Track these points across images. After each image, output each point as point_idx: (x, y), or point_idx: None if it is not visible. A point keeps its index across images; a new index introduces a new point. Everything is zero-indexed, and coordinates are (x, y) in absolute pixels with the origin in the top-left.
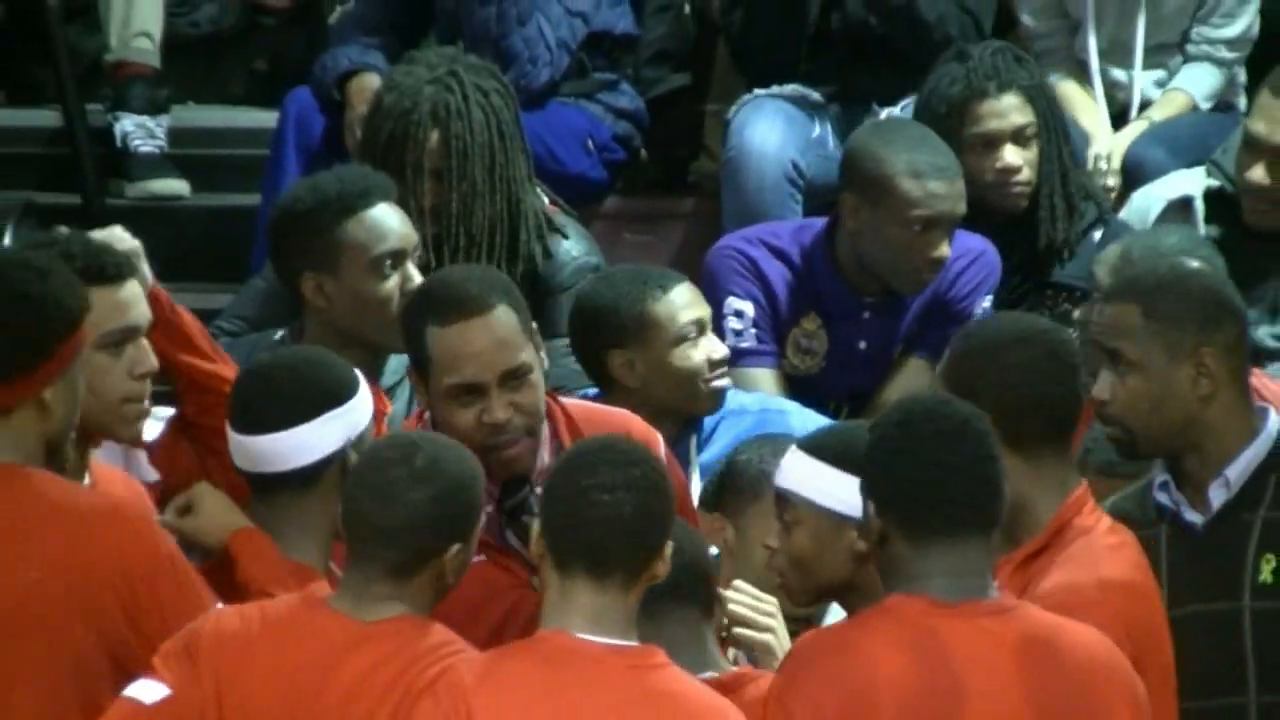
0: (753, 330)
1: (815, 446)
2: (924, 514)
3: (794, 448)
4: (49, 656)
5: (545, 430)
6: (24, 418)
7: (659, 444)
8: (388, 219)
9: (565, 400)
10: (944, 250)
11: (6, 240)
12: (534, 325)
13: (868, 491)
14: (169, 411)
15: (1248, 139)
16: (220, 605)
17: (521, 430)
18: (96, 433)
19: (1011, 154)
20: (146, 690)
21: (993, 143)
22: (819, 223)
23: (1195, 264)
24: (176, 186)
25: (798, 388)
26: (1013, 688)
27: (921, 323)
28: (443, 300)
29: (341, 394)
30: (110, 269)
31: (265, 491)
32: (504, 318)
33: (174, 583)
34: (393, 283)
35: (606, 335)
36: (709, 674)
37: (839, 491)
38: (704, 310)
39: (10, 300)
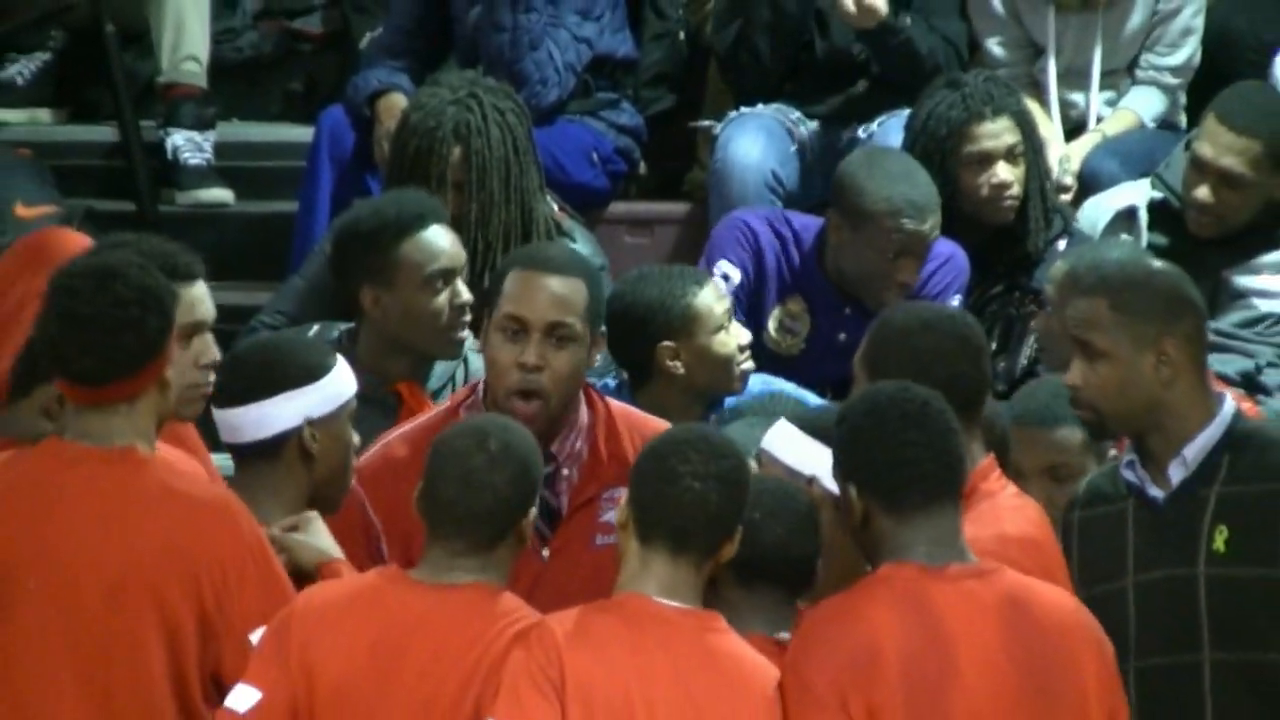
0: (730, 296)
1: (792, 416)
2: (902, 490)
3: (781, 419)
4: (147, 626)
5: (583, 418)
6: (148, 400)
7: None
8: (440, 240)
9: (612, 403)
10: (912, 276)
11: None
12: (600, 322)
13: (846, 476)
14: None
15: (1194, 160)
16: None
17: (543, 386)
18: (168, 417)
19: (1004, 171)
20: (241, 698)
21: (987, 160)
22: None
23: (1158, 264)
24: (222, 195)
25: (779, 370)
26: (996, 643)
27: None
28: (537, 255)
29: (301, 377)
30: (182, 268)
31: (239, 461)
32: (575, 286)
33: (260, 573)
34: (443, 298)
35: (655, 329)
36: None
37: (797, 452)
38: (729, 302)
39: (138, 296)
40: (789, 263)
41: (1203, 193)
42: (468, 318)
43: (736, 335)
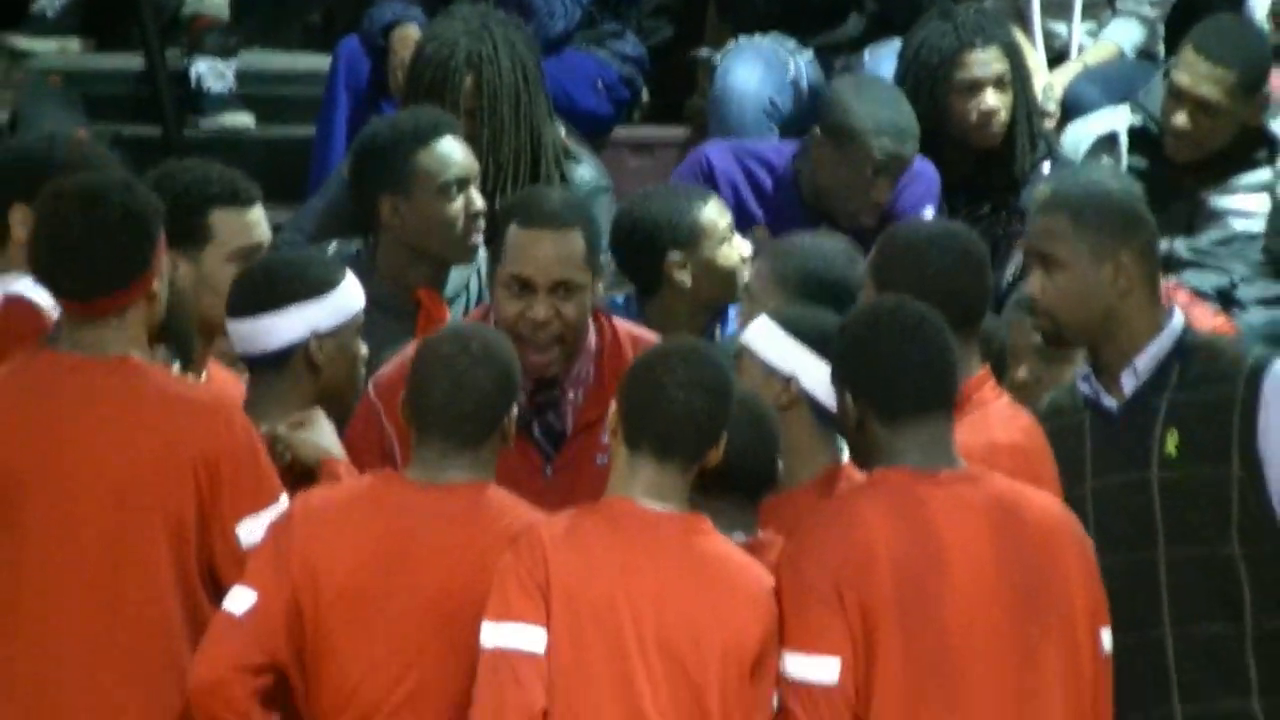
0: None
1: (775, 314)
2: (896, 399)
3: (763, 315)
4: (152, 525)
5: (591, 343)
6: (137, 311)
7: None
8: (454, 150)
9: (617, 322)
10: (886, 195)
11: None
12: (600, 258)
13: (843, 383)
14: None
15: (1172, 89)
16: (285, 497)
17: (555, 335)
18: (219, 330)
19: (992, 98)
20: (238, 600)
21: (977, 87)
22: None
23: (1115, 184)
24: (243, 120)
25: None
26: (985, 544)
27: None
28: (532, 208)
29: (309, 291)
30: (243, 193)
31: (250, 370)
32: (573, 239)
33: (251, 471)
34: (458, 205)
35: (663, 242)
36: (739, 536)
37: (778, 351)
38: (730, 216)
39: (123, 217)
40: (757, 188)
41: (1180, 119)
42: (482, 224)
43: (739, 248)
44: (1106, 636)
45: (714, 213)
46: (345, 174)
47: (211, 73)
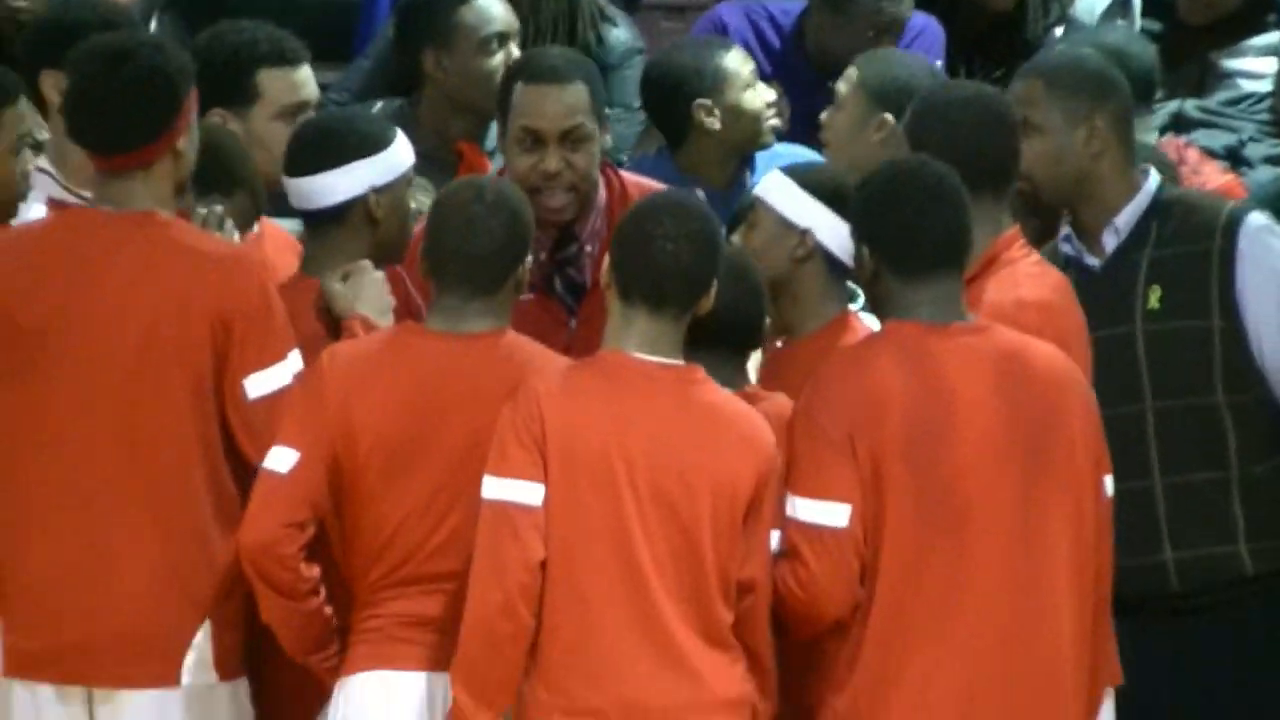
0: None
1: (789, 170)
2: (910, 254)
3: (776, 170)
4: (170, 373)
5: (602, 198)
6: (163, 167)
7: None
8: (494, 6)
9: (624, 175)
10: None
11: (152, 27)
12: (604, 110)
13: (860, 236)
14: None
15: None
16: (297, 352)
17: (567, 184)
18: (272, 185)
19: None
20: (280, 459)
21: None
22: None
23: (1089, 51)
24: None
25: None
26: (992, 392)
27: None
28: (535, 66)
29: (365, 148)
30: (289, 53)
31: (308, 225)
32: (578, 91)
33: (262, 326)
34: (498, 59)
35: (690, 89)
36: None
37: (794, 205)
38: (753, 63)
39: (149, 74)
40: (765, 46)
41: None
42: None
43: (762, 93)
44: (1109, 482)
45: (737, 60)
46: (390, 34)
47: None
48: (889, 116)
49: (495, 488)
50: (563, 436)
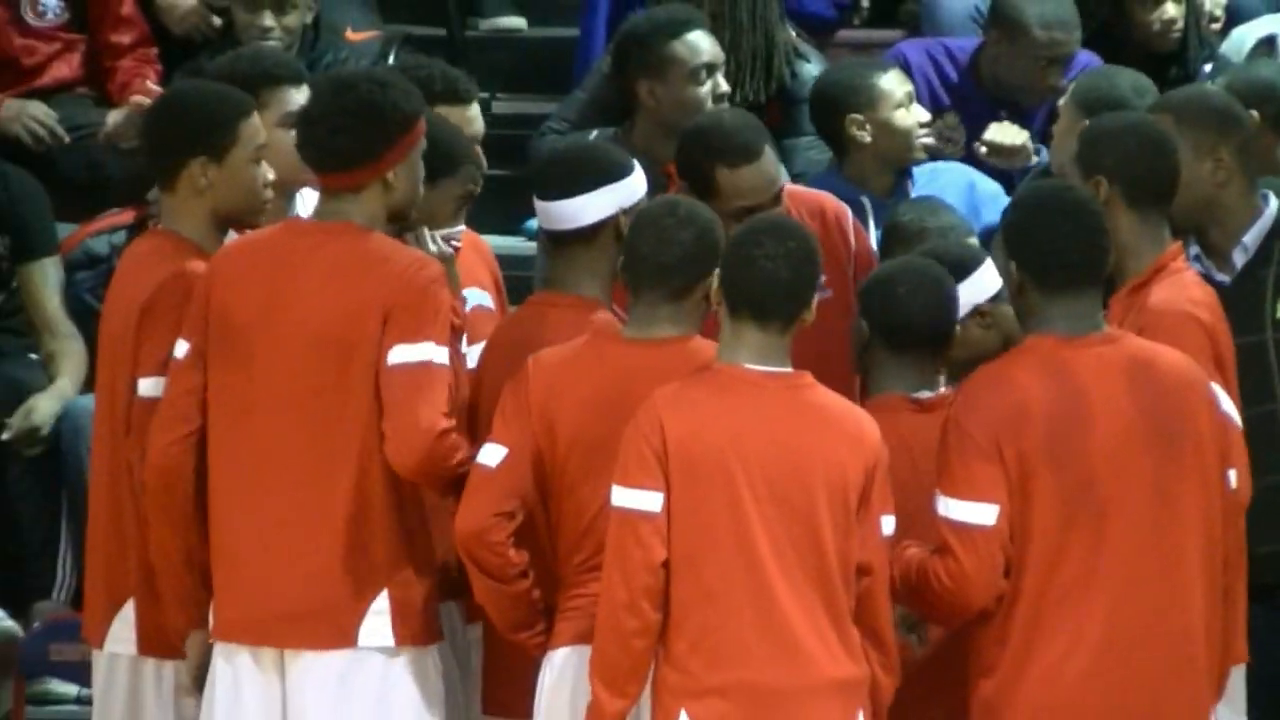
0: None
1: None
2: (1052, 271)
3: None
4: (353, 367)
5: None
6: (371, 193)
7: (848, 215)
8: (703, 40)
9: (789, 186)
10: (1059, 80)
11: (390, 60)
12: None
13: (1010, 252)
14: None
15: None
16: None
17: None
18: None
19: (1172, 9)
20: (490, 455)
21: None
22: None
23: (1213, 87)
24: (516, 22)
25: None
26: (1125, 396)
27: (1049, 124)
28: (730, 148)
29: (615, 173)
30: (462, 92)
31: (558, 245)
32: (769, 156)
33: (416, 310)
34: (706, 88)
35: (845, 104)
36: (924, 393)
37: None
38: (911, 86)
39: (359, 106)
40: (944, 79)
41: None
42: (726, 106)
43: (916, 114)
44: (1233, 475)
45: (892, 81)
46: (604, 69)
47: None
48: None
49: (621, 496)
50: (683, 445)
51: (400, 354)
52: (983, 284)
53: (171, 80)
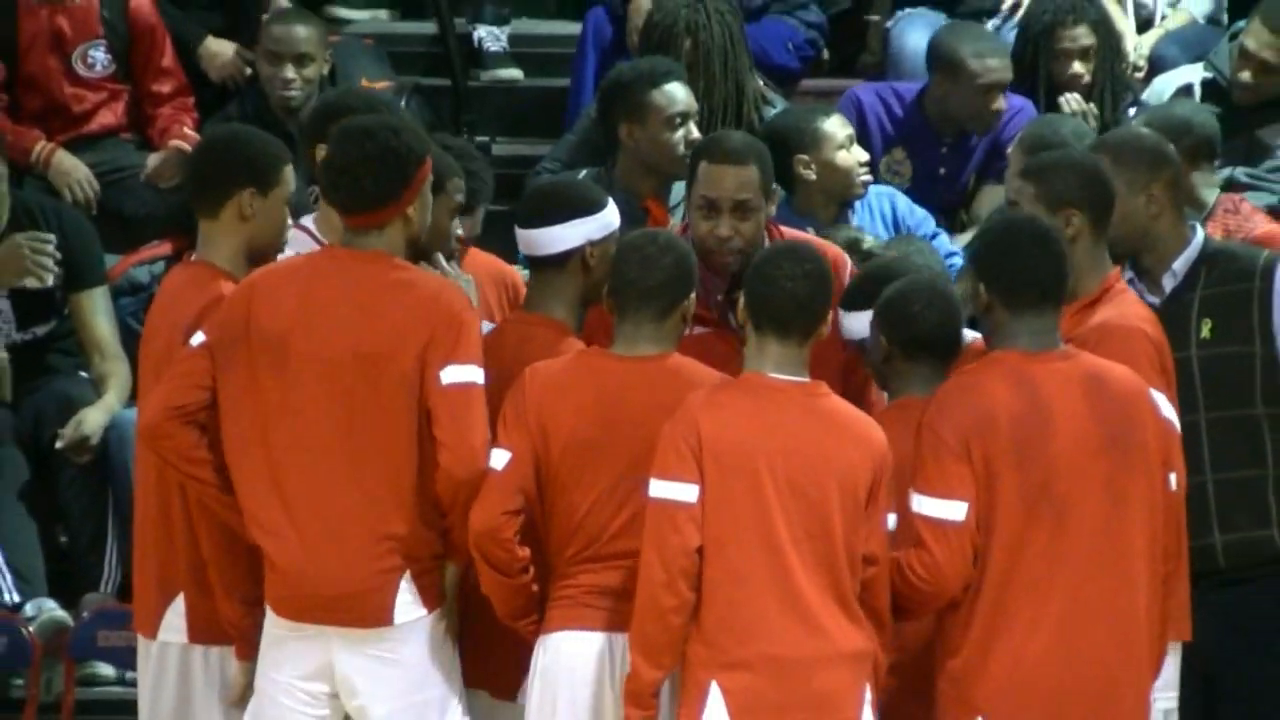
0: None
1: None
2: (1019, 292)
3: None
4: (385, 377)
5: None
6: (394, 228)
7: (845, 262)
8: (679, 91)
9: (785, 231)
10: (1001, 104)
11: (402, 110)
12: (772, 186)
13: (979, 274)
14: None
15: (1241, 50)
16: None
17: (736, 248)
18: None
19: (1079, 66)
20: (496, 459)
21: (1069, 56)
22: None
23: (1144, 129)
24: (514, 74)
25: None
26: (1081, 407)
27: (987, 158)
28: (717, 148)
29: (585, 208)
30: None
31: (533, 269)
32: (750, 171)
33: (455, 333)
34: (680, 134)
35: (792, 145)
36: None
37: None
38: (852, 129)
39: (381, 153)
40: (892, 117)
41: (1245, 75)
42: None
43: (856, 154)
44: (1173, 478)
45: (834, 125)
46: (592, 114)
47: (489, 36)
48: None
49: (659, 488)
50: (715, 443)
51: (453, 374)
52: None
53: (205, 126)
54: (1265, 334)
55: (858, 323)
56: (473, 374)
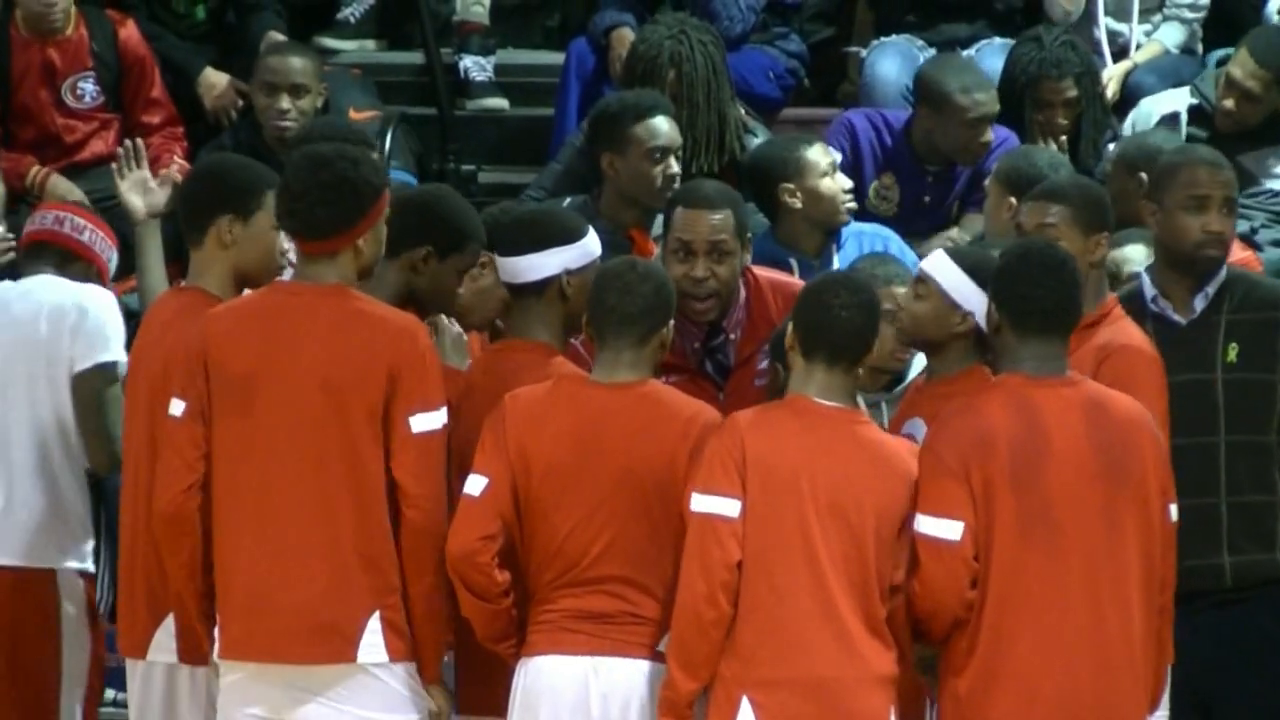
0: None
1: (955, 254)
2: (1027, 316)
3: (941, 250)
4: (353, 412)
5: (742, 295)
6: (345, 257)
7: None
8: (663, 125)
9: (759, 272)
10: (988, 137)
11: (389, 139)
12: (747, 232)
13: (993, 296)
14: None
15: (1227, 78)
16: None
17: (711, 291)
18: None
19: (1062, 117)
20: (473, 484)
21: (1052, 106)
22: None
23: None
24: (500, 103)
25: (886, 225)
26: (1081, 434)
27: (969, 187)
28: (693, 194)
29: (563, 237)
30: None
31: (514, 296)
32: (725, 216)
33: (423, 378)
34: (659, 168)
35: (776, 174)
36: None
37: (960, 290)
38: (836, 157)
39: (336, 182)
40: (882, 144)
41: (1229, 103)
42: (675, 185)
43: (840, 182)
44: (1174, 510)
45: (818, 153)
46: (577, 143)
47: (475, 66)
48: (1013, 200)
49: (701, 502)
50: (761, 460)
51: (422, 423)
52: None
53: (197, 156)
54: None
55: None
56: (440, 419)
